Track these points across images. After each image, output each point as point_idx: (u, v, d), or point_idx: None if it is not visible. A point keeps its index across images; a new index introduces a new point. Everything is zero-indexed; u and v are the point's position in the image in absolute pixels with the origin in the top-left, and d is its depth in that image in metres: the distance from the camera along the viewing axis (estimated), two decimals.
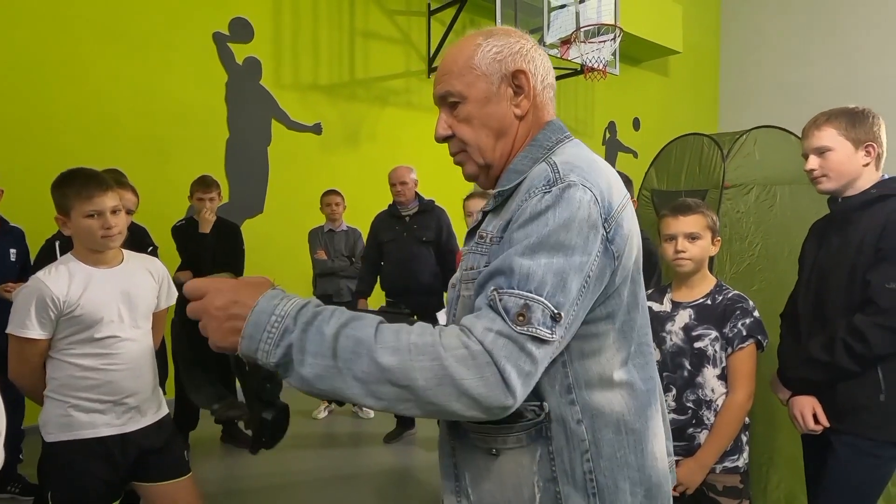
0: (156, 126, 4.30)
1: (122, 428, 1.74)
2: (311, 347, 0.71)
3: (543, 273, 0.76)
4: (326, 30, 5.21)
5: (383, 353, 0.70)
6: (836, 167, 1.61)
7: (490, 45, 0.93)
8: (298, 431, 3.96)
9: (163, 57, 4.32)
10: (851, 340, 1.51)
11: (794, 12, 8.85)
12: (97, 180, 1.68)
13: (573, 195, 0.81)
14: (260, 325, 0.72)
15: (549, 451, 0.86)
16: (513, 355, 0.73)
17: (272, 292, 0.75)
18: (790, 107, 8.43)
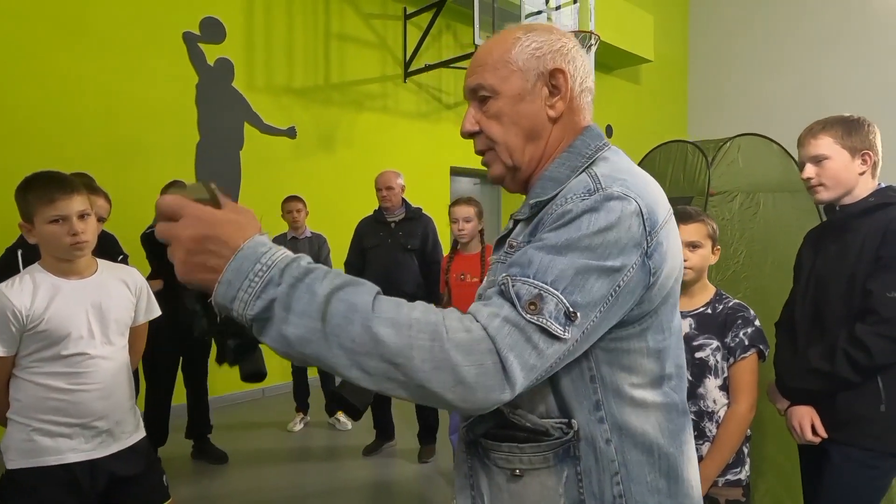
0: (122, 128, 4.12)
1: (90, 453, 1.60)
2: (298, 306, 0.65)
3: (564, 268, 0.72)
4: (301, 31, 5.10)
5: (380, 324, 0.64)
6: (833, 176, 1.60)
7: (530, 40, 0.87)
8: (273, 446, 3.83)
9: (130, 56, 4.15)
10: (853, 350, 1.49)
11: (759, 25, 9.09)
12: (61, 183, 1.55)
13: (614, 204, 0.75)
14: (242, 272, 0.65)
15: (577, 471, 0.80)
16: (518, 345, 0.68)
17: (260, 238, 0.68)
18: (756, 115, 8.64)
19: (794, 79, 8.78)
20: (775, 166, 2.86)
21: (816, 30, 8.65)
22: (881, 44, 8.13)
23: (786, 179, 2.87)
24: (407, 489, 3.22)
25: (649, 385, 0.83)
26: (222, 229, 0.67)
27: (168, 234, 0.68)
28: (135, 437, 1.72)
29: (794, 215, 2.84)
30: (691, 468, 0.88)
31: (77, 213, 1.54)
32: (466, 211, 2.86)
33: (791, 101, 8.68)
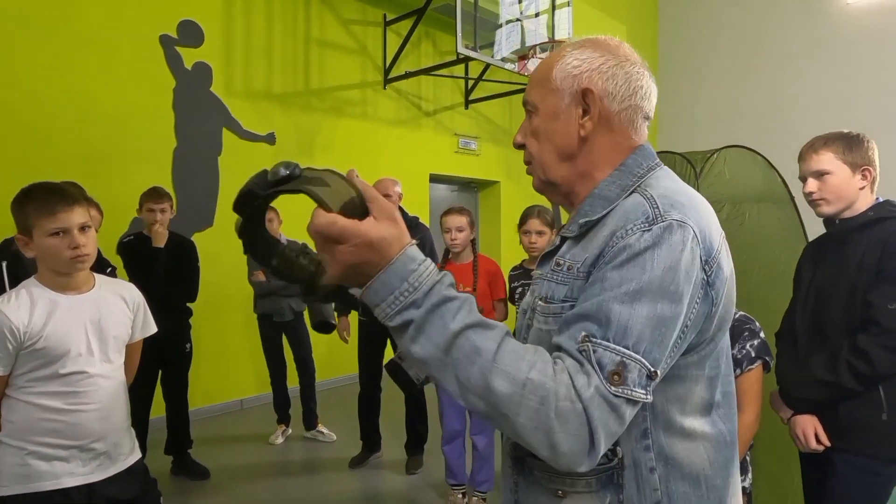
0: (96, 134, 3.98)
1: (88, 477, 1.54)
2: (429, 332, 0.70)
3: (642, 327, 0.72)
4: (280, 36, 5.02)
5: (497, 377, 0.68)
6: (835, 190, 1.64)
7: (572, 58, 0.88)
8: (256, 460, 3.73)
9: (104, 59, 4.02)
10: (855, 361, 1.53)
11: (725, 41, 9.36)
12: (61, 194, 1.50)
13: (675, 236, 0.75)
14: (389, 287, 0.70)
15: (620, 499, 0.80)
16: (604, 416, 0.69)
17: (411, 252, 0.71)
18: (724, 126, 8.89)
19: (760, 91, 9.06)
20: (759, 177, 2.94)
21: (778, 47, 8.96)
22: (843, 58, 8.46)
23: (769, 190, 2.95)
24: (396, 501, 3.18)
25: (699, 413, 0.83)
26: (379, 250, 0.70)
27: (327, 253, 0.71)
28: (131, 459, 1.66)
29: (777, 225, 2.92)
30: (735, 500, 0.88)
31: (78, 225, 1.49)
32: (459, 220, 2.85)
33: (757, 112, 8.96)
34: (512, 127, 7.51)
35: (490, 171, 7.19)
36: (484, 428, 2.89)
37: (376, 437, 3.67)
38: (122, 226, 3.73)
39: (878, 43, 8.22)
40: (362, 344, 3.56)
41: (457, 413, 2.92)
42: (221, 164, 4.65)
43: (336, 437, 4.03)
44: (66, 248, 1.47)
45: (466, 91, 6.70)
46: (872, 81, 8.22)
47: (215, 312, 4.40)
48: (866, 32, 8.34)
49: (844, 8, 8.53)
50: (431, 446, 3.59)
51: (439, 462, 3.25)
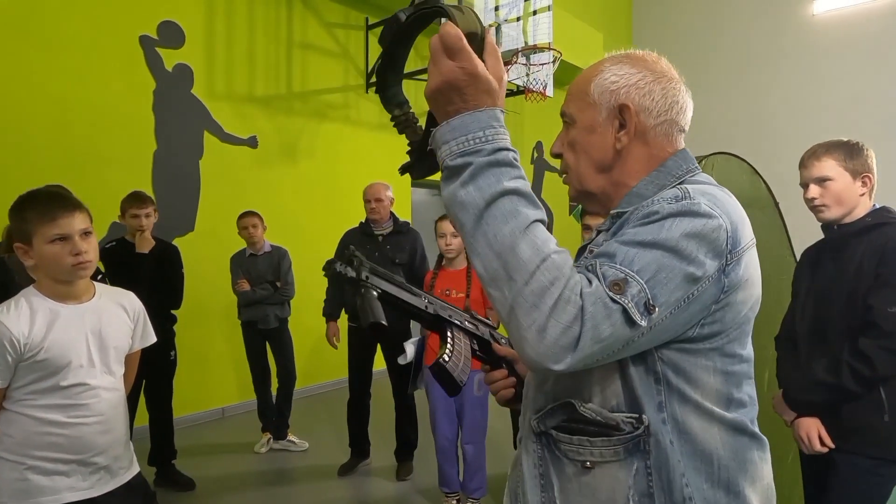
0: (73, 137, 3.87)
1: (88, 492, 1.49)
2: (481, 181, 0.72)
3: (647, 263, 0.74)
4: (262, 39, 4.96)
5: (524, 241, 0.71)
6: (836, 196, 1.68)
7: (610, 73, 0.90)
8: (242, 469, 3.67)
9: (82, 60, 3.91)
10: (857, 363, 1.56)
11: (696, 50, 9.59)
12: (62, 199, 1.47)
13: (701, 211, 0.77)
14: (466, 129, 0.74)
15: (647, 465, 0.81)
16: (597, 314, 0.70)
17: (498, 113, 0.76)
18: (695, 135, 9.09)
19: (726, 100, 9.30)
20: (745, 183, 3.01)
21: (745, 54, 9.22)
22: (811, 67, 8.75)
23: (754, 196, 3.02)
24: None
25: (715, 402, 0.84)
26: (476, 89, 0.74)
27: (437, 64, 0.75)
28: (131, 473, 1.62)
29: (762, 231, 2.95)
30: (754, 490, 0.87)
31: (80, 231, 1.45)
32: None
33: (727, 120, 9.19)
34: None
35: None
36: (475, 436, 2.89)
37: (366, 443, 3.63)
38: (101, 231, 3.63)
39: (843, 53, 8.52)
40: (353, 350, 3.53)
41: (449, 422, 2.92)
42: (203, 168, 4.57)
43: (308, 446, 3.94)
44: (68, 255, 1.43)
45: None
46: (839, 90, 8.51)
47: (196, 319, 4.30)
48: (832, 42, 8.64)
49: (811, 19, 8.82)
50: (421, 453, 3.57)
51: (430, 469, 3.23)
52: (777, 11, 9.04)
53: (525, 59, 5.41)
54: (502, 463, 3.34)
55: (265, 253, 3.88)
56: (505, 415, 2.99)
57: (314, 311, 3.89)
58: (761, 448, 0.90)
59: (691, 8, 9.82)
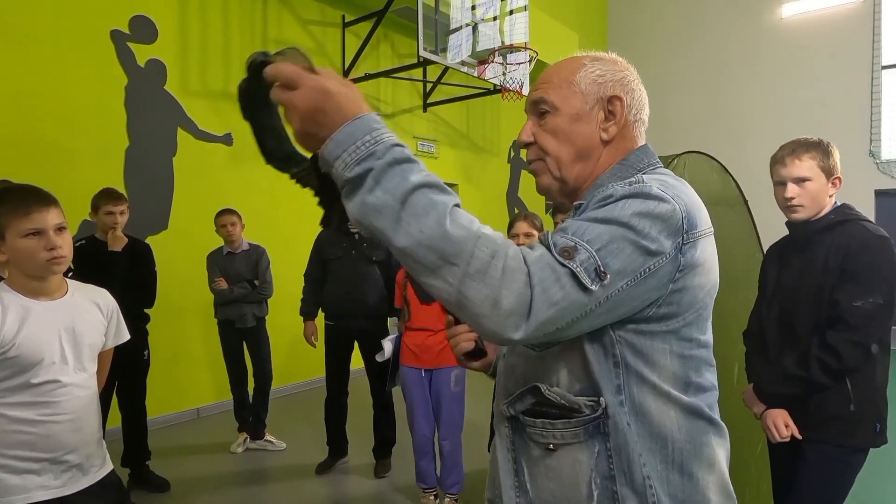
0: (43, 133, 3.78)
1: (60, 490, 1.48)
2: (387, 183, 0.70)
3: (601, 232, 0.77)
4: (237, 35, 4.91)
5: (453, 226, 0.70)
6: (813, 197, 1.71)
7: (595, 67, 0.94)
8: (218, 469, 3.63)
9: (51, 54, 3.82)
10: (825, 356, 1.61)
11: (669, 51, 9.75)
12: (36, 194, 1.46)
13: (653, 194, 0.81)
14: (352, 138, 0.71)
15: (608, 447, 0.84)
16: (546, 279, 0.72)
17: (375, 116, 0.73)
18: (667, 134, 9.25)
19: (701, 99, 9.48)
20: (715, 182, 3.08)
21: (721, 54, 9.41)
22: (778, 69, 8.96)
23: (724, 195, 3.09)
24: None
25: (672, 384, 0.86)
26: (337, 101, 0.72)
27: (285, 100, 0.73)
28: (104, 471, 1.60)
29: (732, 228, 3.06)
30: (710, 473, 0.89)
31: (54, 226, 1.45)
32: None
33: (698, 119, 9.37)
34: (469, 130, 7.58)
35: (448, 174, 7.22)
36: (451, 432, 2.91)
37: (343, 442, 3.63)
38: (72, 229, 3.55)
39: (810, 55, 8.74)
40: (330, 348, 3.52)
41: (426, 418, 2.93)
42: (176, 165, 4.50)
43: (286, 446, 3.93)
44: (42, 250, 1.42)
45: (425, 94, 6.72)
46: (805, 91, 8.74)
47: (170, 319, 4.24)
48: (799, 45, 8.86)
49: (779, 22, 9.04)
50: (399, 450, 3.58)
51: (408, 466, 3.25)
52: (747, 14, 9.24)
53: (502, 58, 5.45)
54: (479, 459, 3.37)
55: (243, 251, 3.84)
56: (482, 411, 3.02)
57: (291, 309, 3.86)
58: (718, 433, 0.92)
59: (664, 10, 9.98)
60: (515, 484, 0.93)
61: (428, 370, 2.89)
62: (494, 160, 8.03)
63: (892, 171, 8.26)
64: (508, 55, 5.56)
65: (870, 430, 1.67)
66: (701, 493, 0.88)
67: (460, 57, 5.47)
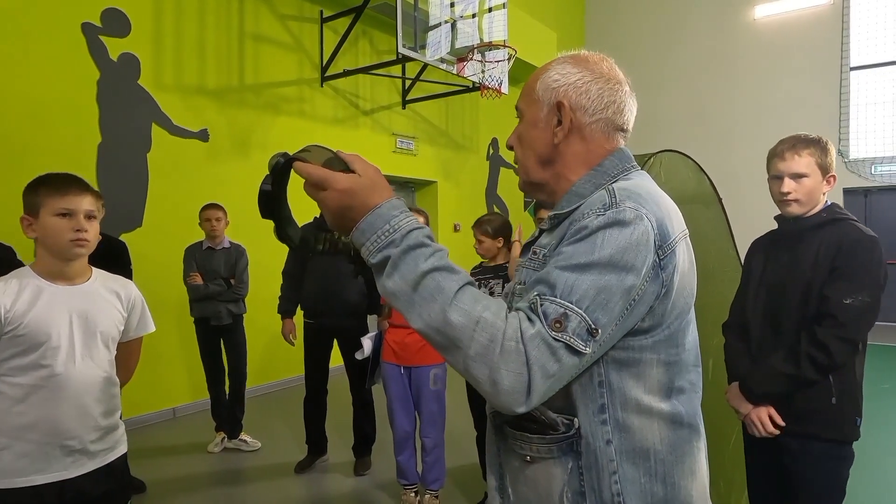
0: (12, 128, 3.69)
1: (62, 474, 1.49)
2: (402, 269, 0.78)
3: (587, 289, 0.79)
4: (213, 29, 4.83)
5: (454, 312, 0.76)
6: (809, 193, 1.71)
7: (554, 72, 0.97)
8: (195, 470, 3.59)
9: (19, 47, 3.72)
10: (815, 352, 1.61)
11: (646, 51, 9.88)
12: (77, 180, 1.55)
13: (627, 217, 0.82)
14: (374, 227, 0.80)
15: (579, 465, 0.87)
16: (542, 357, 0.75)
17: (395, 202, 0.83)
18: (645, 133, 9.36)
19: (678, 98, 9.61)
20: (691, 180, 3.13)
21: (696, 54, 9.55)
22: (752, 68, 9.13)
23: (699, 192, 3.15)
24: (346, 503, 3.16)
25: (657, 394, 0.88)
26: (361, 198, 0.82)
27: (317, 199, 0.85)
28: (113, 454, 1.61)
29: (708, 225, 3.12)
30: (692, 481, 0.92)
31: (85, 211, 1.52)
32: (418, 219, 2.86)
33: (675, 118, 9.50)
34: (448, 127, 7.59)
35: (427, 171, 7.23)
36: (432, 429, 2.91)
37: (323, 440, 3.61)
38: None
39: (782, 55, 8.93)
40: (308, 346, 3.49)
41: (406, 414, 2.94)
42: (151, 161, 4.42)
43: (260, 445, 3.87)
44: (70, 231, 1.48)
45: (404, 91, 6.70)
46: (779, 90, 8.92)
47: None
48: (772, 45, 9.04)
49: (752, 23, 9.21)
50: (379, 447, 3.58)
51: (388, 463, 3.25)
52: (723, 15, 9.40)
53: (481, 55, 5.46)
54: (460, 455, 3.39)
55: (223, 248, 3.79)
56: (463, 407, 3.03)
57: (269, 308, 3.83)
58: (698, 439, 0.95)
59: (641, 10, 10.10)
60: (499, 486, 0.98)
61: (407, 367, 2.89)
62: (473, 157, 8.05)
63: (860, 169, 8.49)
64: (487, 53, 5.57)
65: (850, 423, 1.69)
66: (683, 501, 0.90)
67: (439, 54, 5.47)
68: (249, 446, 3.87)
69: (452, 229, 7.59)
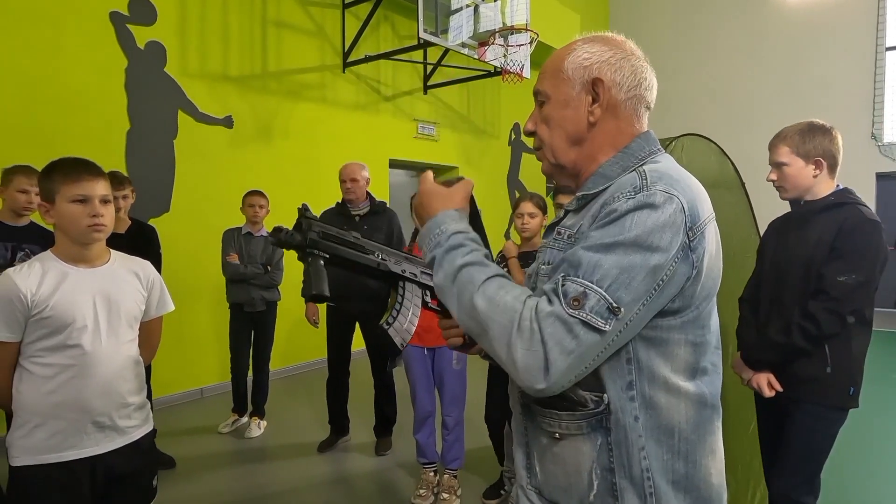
0: (43, 116, 3.80)
1: (93, 450, 1.56)
2: (444, 266, 0.89)
3: (609, 267, 0.80)
4: (236, 16, 4.89)
5: (479, 297, 0.84)
6: (790, 180, 1.89)
7: (583, 51, 0.96)
8: (222, 448, 3.70)
9: (51, 37, 3.82)
10: (805, 323, 1.77)
11: (672, 32, 9.68)
12: (88, 165, 1.57)
13: (658, 201, 0.83)
14: (429, 231, 0.94)
15: (608, 441, 0.89)
16: (557, 333, 0.78)
17: (450, 212, 0.95)
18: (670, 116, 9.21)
19: (704, 81, 9.42)
20: (713, 164, 3.09)
21: (724, 36, 9.33)
22: (781, 50, 8.89)
23: (721, 177, 3.11)
24: (368, 483, 3.23)
25: (683, 374, 0.90)
26: (430, 200, 0.98)
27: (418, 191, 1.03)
28: (141, 432, 1.68)
29: (729, 210, 3.08)
30: (712, 459, 0.94)
31: (100, 196, 1.54)
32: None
33: (701, 101, 9.32)
34: (470, 113, 7.57)
35: (449, 157, 7.23)
36: (453, 408, 2.96)
37: (345, 420, 3.69)
38: None
39: (814, 37, 8.67)
40: (331, 329, 3.56)
41: (428, 393, 2.99)
42: (177, 148, 4.52)
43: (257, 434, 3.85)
44: (86, 216, 1.51)
45: (425, 76, 6.70)
46: (809, 74, 8.68)
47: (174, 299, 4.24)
48: (801, 26, 8.79)
49: (782, 4, 8.95)
50: (399, 428, 3.65)
51: (408, 443, 3.31)
52: None
53: (502, 39, 5.42)
54: (480, 437, 3.43)
55: (262, 236, 3.86)
56: (482, 388, 3.07)
57: (293, 292, 3.90)
58: (718, 419, 0.97)
59: None
60: (527, 465, 1.00)
61: (431, 349, 2.94)
62: (495, 143, 8.02)
63: (894, 153, 8.24)
64: (509, 37, 5.53)
65: (844, 392, 1.83)
66: (702, 478, 0.92)
67: (460, 38, 5.45)
68: (249, 433, 3.85)
69: None
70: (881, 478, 3.21)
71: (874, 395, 3.84)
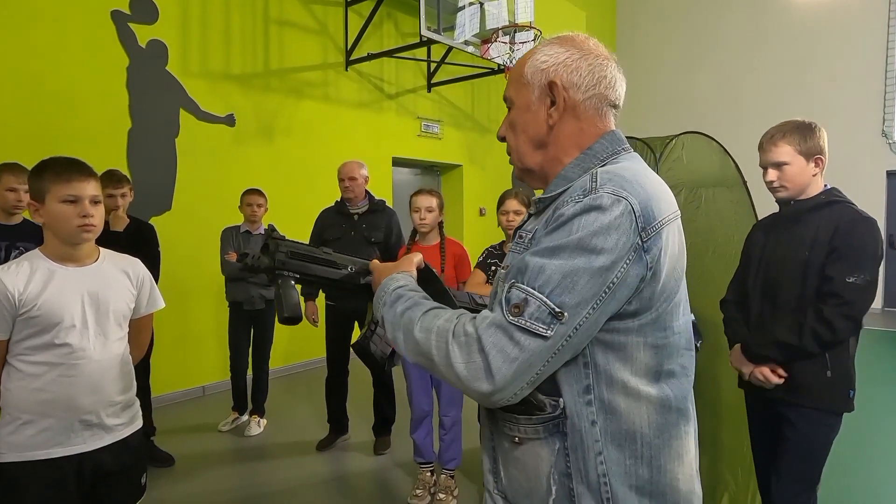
0: (44, 114, 3.81)
1: (80, 448, 1.56)
2: (389, 317, 0.94)
3: (551, 273, 0.80)
4: (238, 14, 4.89)
5: (417, 331, 0.87)
6: (792, 179, 1.84)
7: (541, 55, 0.96)
8: (222, 446, 3.71)
9: (52, 36, 3.83)
10: (820, 328, 1.71)
11: (680, 30, 9.60)
12: (79, 165, 1.56)
13: (605, 203, 0.81)
14: (377, 298, 1.00)
15: (565, 446, 0.88)
16: (498, 341, 0.79)
17: (397, 276, 1.00)
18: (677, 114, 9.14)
19: (712, 78, 9.34)
20: (715, 162, 3.06)
21: (732, 33, 9.24)
22: (789, 48, 8.80)
23: (723, 175, 3.07)
24: (367, 482, 3.22)
25: (644, 377, 0.88)
26: (379, 276, 1.05)
27: None
28: (129, 430, 1.68)
29: (730, 208, 3.05)
30: (679, 464, 0.91)
31: (90, 197, 1.54)
32: (429, 201, 2.87)
33: (709, 98, 9.24)
34: (474, 111, 7.54)
35: (453, 155, 7.21)
36: (451, 408, 2.94)
37: (344, 419, 3.69)
38: None
39: (820, 35, 8.57)
40: (330, 328, 3.56)
41: (425, 394, 2.97)
42: (179, 146, 4.52)
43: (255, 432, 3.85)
44: (76, 217, 1.51)
45: (429, 74, 6.68)
46: (815, 71, 8.58)
47: (174, 298, 4.27)
48: (810, 25, 8.68)
49: (790, 1, 8.85)
50: (398, 428, 3.64)
51: (407, 443, 3.30)
52: None
53: (506, 37, 5.39)
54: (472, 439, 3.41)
55: (260, 234, 3.84)
56: None
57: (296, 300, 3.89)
58: (687, 422, 0.94)
59: None
60: (493, 469, 1.00)
61: None
62: (499, 141, 7.97)
63: None
64: (515, 34, 5.50)
65: (844, 395, 1.79)
66: (668, 483, 0.90)
67: (464, 36, 5.43)
68: (248, 431, 3.85)
69: (478, 213, 7.58)
70: (879, 480, 3.17)
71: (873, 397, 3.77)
